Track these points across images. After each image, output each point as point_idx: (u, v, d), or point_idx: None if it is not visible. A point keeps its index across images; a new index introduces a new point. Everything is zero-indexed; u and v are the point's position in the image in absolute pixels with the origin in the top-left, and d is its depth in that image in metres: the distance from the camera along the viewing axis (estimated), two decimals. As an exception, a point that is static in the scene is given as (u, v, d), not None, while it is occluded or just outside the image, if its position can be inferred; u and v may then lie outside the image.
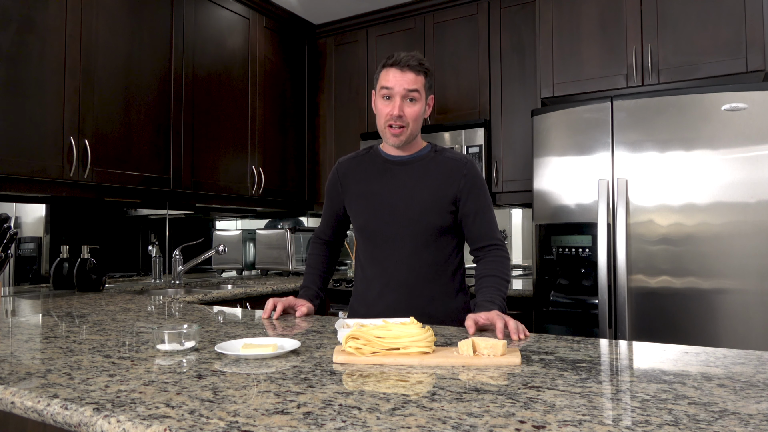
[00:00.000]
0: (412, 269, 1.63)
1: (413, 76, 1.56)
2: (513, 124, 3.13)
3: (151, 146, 2.81)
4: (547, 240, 2.51)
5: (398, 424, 0.73)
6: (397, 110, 1.55)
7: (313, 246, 1.89)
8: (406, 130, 1.59)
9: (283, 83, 3.67)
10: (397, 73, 1.56)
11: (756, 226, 2.10)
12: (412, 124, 1.59)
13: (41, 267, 2.82)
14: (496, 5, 3.19)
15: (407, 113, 1.57)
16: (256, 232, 3.62)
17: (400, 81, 1.55)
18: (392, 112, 1.56)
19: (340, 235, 1.88)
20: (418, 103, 1.58)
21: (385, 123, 1.59)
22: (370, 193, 1.67)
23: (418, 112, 1.58)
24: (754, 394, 0.86)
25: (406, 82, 1.55)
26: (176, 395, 0.86)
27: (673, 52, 2.47)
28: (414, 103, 1.57)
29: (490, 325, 1.38)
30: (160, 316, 1.74)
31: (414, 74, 1.56)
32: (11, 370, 1.03)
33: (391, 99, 1.57)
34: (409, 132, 1.60)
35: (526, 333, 1.34)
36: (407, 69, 1.55)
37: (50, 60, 2.38)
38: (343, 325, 1.29)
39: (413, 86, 1.56)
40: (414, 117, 1.58)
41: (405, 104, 1.57)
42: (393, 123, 1.57)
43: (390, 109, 1.57)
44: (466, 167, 1.65)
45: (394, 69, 1.57)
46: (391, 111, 1.56)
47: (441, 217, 1.62)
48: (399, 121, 1.57)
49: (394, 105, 1.56)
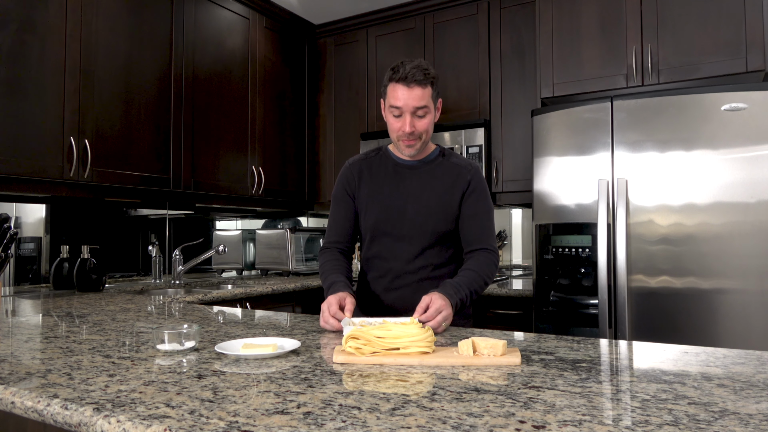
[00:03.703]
0: (416, 270, 1.68)
1: (420, 91, 1.54)
2: (513, 124, 3.13)
3: (151, 146, 2.81)
4: (547, 240, 2.51)
5: (398, 424, 0.73)
6: (408, 128, 1.57)
7: (324, 254, 1.74)
8: (419, 142, 1.62)
9: (283, 83, 3.67)
10: (405, 90, 1.54)
11: (756, 226, 2.10)
12: (425, 135, 1.62)
13: (41, 267, 2.82)
14: (496, 5, 3.19)
15: (418, 127, 1.59)
16: (256, 232, 3.62)
17: (408, 100, 1.54)
18: (403, 128, 1.58)
19: (354, 241, 1.79)
20: (428, 116, 1.59)
21: (397, 137, 1.62)
22: (380, 195, 1.70)
23: (429, 123, 1.61)
24: (754, 394, 0.86)
25: (413, 100, 1.54)
26: (176, 395, 0.86)
27: (673, 52, 2.47)
28: (423, 117, 1.59)
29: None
30: (160, 316, 1.74)
31: (421, 89, 1.54)
32: (11, 370, 1.03)
33: (401, 116, 1.58)
34: (422, 141, 1.63)
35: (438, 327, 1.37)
36: (414, 84, 1.53)
37: (50, 60, 2.38)
38: (348, 323, 1.29)
39: (421, 103, 1.55)
40: (425, 128, 1.61)
41: (415, 120, 1.58)
42: (405, 139, 1.60)
43: (401, 125, 1.58)
44: (471, 173, 1.68)
45: (401, 86, 1.54)
46: (402, 128, 1.58)
47: (446, 222, 1.66)
48: (411, 137, 1.59)
49: (405, 122, 1.57)
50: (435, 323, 1.36)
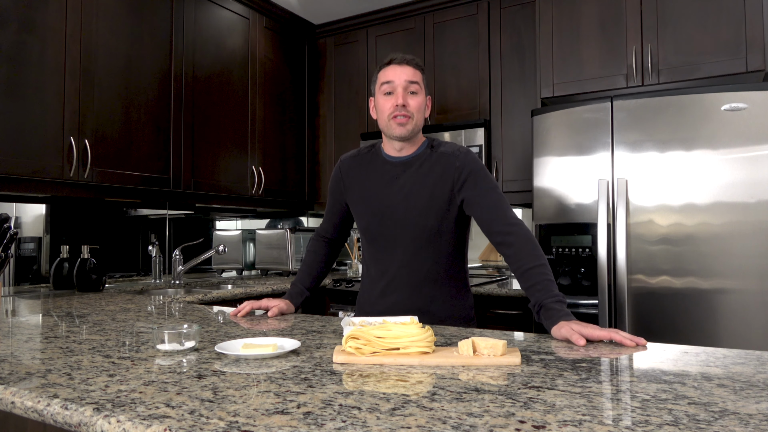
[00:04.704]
0: (413, 270, 1.64)
1: (412, 70, 1.59)
2: (513, 124, 3.13)
3: (151, 146, 2.81)
4: (547, 240, 2.51)
5: (398, 424, 0.73)
6: (401, 99, 1.56)
7: (312, 243, 1.88)
8: (411, 120, 1.58)
9: (283, 83, 3.67)
10: (397, 68, 1.59)
11: (756, 226, 2.10)
12: (416, 115, 1.59)
13: (41, 267, 2.82)
14: (496, 5, 3.19)
15: (410, 104, 1.58)
16: (256, 232, 3.62)
17: (401, 74, 1.58)
18: (396, 102, 1.56)
19: (342, 233, 1.87)
20: (419, 96, 1.60)
21: (389, 116, 1.58)
22: (370, 195, 1.68)
23: (420, 104, 1.60)
24: (754, 394, 0.86)
25: (406, 75, 1.58)
26: (176, 395, 0.86)
27: (673, 52, 2.47)
28: (415, 95, 1.59)
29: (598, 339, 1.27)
30: (160, 316, 1.74)
31: (412, 68, 1.60)
32: (11, 370, 1.03)
33: (393, 93, 1.58)
34: (414, 123, 1.59)
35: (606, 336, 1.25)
36: (405, 64, 1.60)
37: (50, 60, 2.38)
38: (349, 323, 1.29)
39: (413, 78, 1.58)
40: (417, 108, 1.59)
41: (407, 96, 1.58)
42: (398, 113, 1.57)
43: (393, 101, 1.57)
44: (459, 159, 1.60)
45: (393, 65, 1.60)
46: (395, 101, 1.57)
47: (439, 218, 1.61)
48: (403, 110, 1.57)
49: (397, 95, 1.57)
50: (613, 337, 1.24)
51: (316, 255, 1.85)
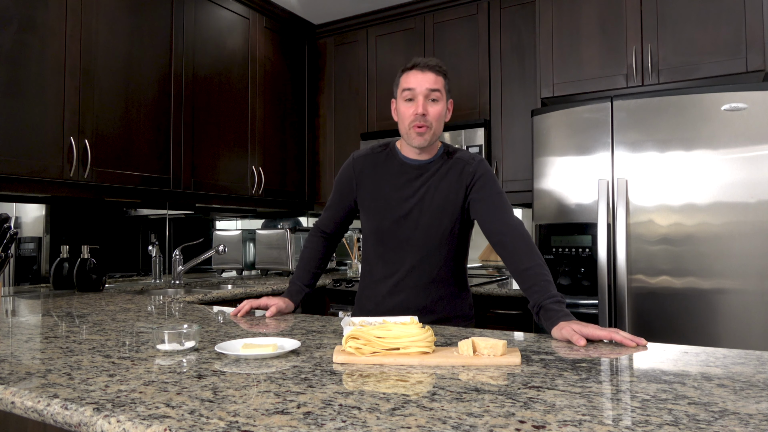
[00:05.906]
0: (422, 272, 1.65)
1: (434, 76, 1.57)
2: (513, 124, 3.13)
3: (151, 146, 2.81)
4: (547, 240, 2.51)
5: (398, 424, 0.73)
6: (420, 109, 1.56)
7: (310, 238, 1.86)
8: (430, 130, 1.58)
9: (283, 83, 3.67)
10: (418, 74, 1.57)
11: (756, 226, 2.10)
12: (435, 124, 1.59)
13: (41, 267, 2.82)
14: (496, 5, 3.19)
15: (430, 112, 1.57)
16: (256, 232, 3.62)
17: (422, 81, 1.56)
18: (416, 111, 1.56)
19: (342, 229, 1.86)
20: (439, 103, 1.59)
21: (409, 124, 1.58)
22: (384, 196, 1.67)
23: (440, 112, 1.59)
24: (754, 394, 0.86)
25: (427, 82, 1.56)
26: (176, 395, 0.86)
27: (673, 52, 2.47)
28: (436, 103, 1.58)
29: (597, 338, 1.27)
30: (160, 316, 1.74)
31: (434, 75, 1.58)
32: (11, 370, 1.03)
33: (414, 100, 1.58)
34: (433, 132, 1.59)
35: (608, 336, 1.26)
36: (427, 70, 1.57)
37: (50, 60, 2.38)
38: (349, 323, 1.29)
39: (434, 86, 1.57)
40: (437, 117, 1.59)
41: (428, 104, 1.57)
42: (417, 123, 1.57)
43: (413, 109, 1.57)
44: (473, 165, 1.64)
45: (415, 71, 1.58)
46: (415, 110, 1.56)
47: (452, 222, 1.63)
48: (422, 120, 1.56)
49: (417, 104, 1.56)
50: (614, 337, 1.24)
51: (314, 251, 1.83)
